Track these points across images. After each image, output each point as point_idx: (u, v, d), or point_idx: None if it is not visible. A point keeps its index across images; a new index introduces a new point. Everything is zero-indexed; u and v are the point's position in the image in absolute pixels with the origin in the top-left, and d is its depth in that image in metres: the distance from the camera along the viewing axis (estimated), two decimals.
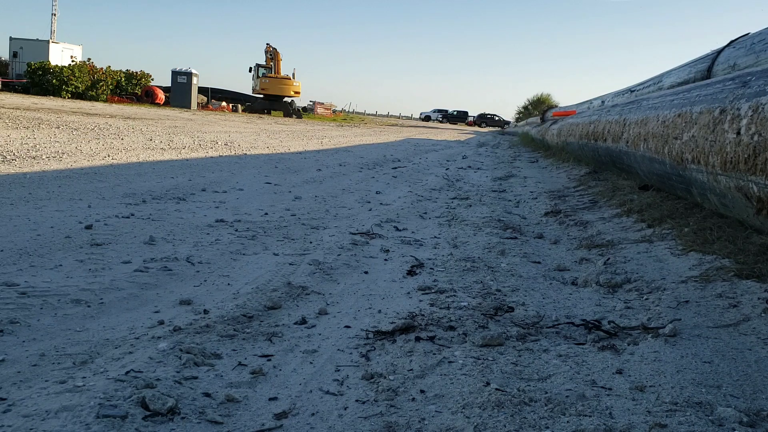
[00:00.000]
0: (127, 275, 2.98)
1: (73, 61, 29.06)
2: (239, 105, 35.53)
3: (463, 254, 3.77)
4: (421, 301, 2.79)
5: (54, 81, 26.75)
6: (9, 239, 3.40)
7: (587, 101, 14.45)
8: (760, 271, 2.76)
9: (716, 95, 3.22)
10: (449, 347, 2.20)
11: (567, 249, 4.06)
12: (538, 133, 18.62)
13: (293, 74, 36.89)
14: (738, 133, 2.76)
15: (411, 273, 3.32)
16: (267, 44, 36.85)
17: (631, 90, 9.18)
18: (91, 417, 1.60)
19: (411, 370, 2.02)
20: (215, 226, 4.29)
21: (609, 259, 3.50)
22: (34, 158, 6.76)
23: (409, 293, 2.94)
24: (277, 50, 36.72)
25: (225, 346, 2.18)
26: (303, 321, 2.50)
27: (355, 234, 4.26)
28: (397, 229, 4.62)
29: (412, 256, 3.72)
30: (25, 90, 26.70)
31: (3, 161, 6.32)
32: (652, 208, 4.62)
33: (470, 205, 6.03)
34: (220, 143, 11.50)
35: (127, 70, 31.53)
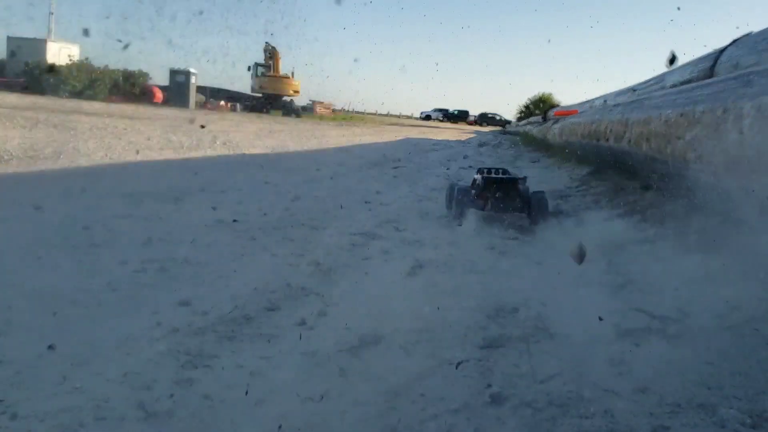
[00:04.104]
0: (124, 276, 2.96)
1: (70, 60, 29.00)
2: (238, 104, 35.47)
3: (463, 254, 3.75)
4: (421, 301, 2.77)
5: (51, 80, 26.68)
6: (6, 239, 3.38)
7: (589, 100, 14.41)
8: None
9: (719, 94, 3.20)
10: (450, 348, 2.18)
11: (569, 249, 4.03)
12: (540, 132, 18.60)
13: (292, 73, 36.85)
14: (741, 133, 2.74)
15: (411, 273, 3.30)
16: (266, 43, 36.81)
17: (633, 89, 9.15)
18: (89, 418, 1.58)
19: (411, 371, 2.00)
20: (213, 226, 4.27)
21: (611, 259, 3.48)
22: (31, 158, 6.74)
23: (409, 294, 2.92)
24: (276, 49, 36.68)
25: (223, 348, 2.16)
26: (302, 322, 2.48)
27: (354, 234, 4.24)
28: (398, 230, 4.60)
29: (412, 256, 3.70)
30: (23, 89, 26.64)
31: (0, 161, 6.30)
32: (655, 208, 4.60)
33: None
34: (218, 142, 11.48)
35: (125, 69, 31.48)
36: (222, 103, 34.36)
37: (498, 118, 63.05)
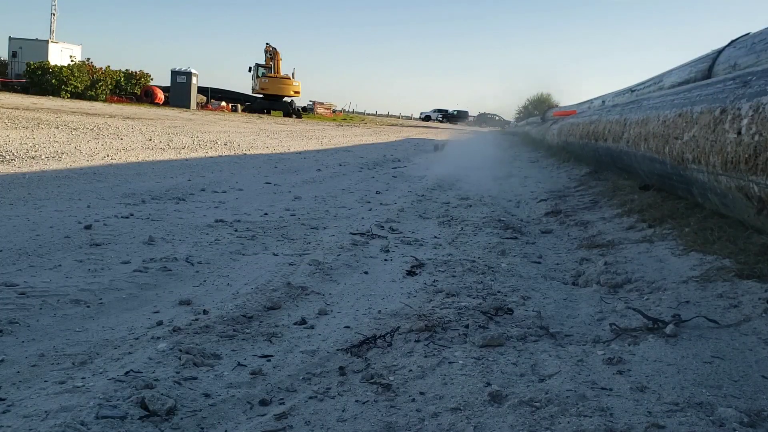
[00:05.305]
0: (126, 275, 2.98)
1: (72, 60, 29.05)
2: (239, 105, 35.51)
3: (463, 254, 3.76)
4: (421, 301, 2.78)
5: (53, 81, 26.75)
6: (8, 239, 3.40)
7: (588, 101, 14.41)
8: (760, 272, 2.75)
9: (717, 95, 3.21)
10: (449, 347, 2.20)
11: (567, 249, 4.05)
12: (539, 133, 18.60)
13: (293, 74, 36.90)
14: (739, 133, 2.76)
15: (411, 273, 3.31)
16: (267, 44, 36.86)
17: (631, 90, 9.15)
18: (90, 417, 1.60)
19: (411, 370, 2.01)
20: (215, 226, 4.29)
21: (609, 259, 3.50)
22: (33, 158, 6.76)
23: (409, 293, 2.94)
24: (277, 50, 36.73)
25: (224, 347, 2.17)
26: (303, 321, 2.49)
27: (355, 234, 4.25)
28: (397, 230, 4.62)
29: (412, 256, 3.71)
30: (24, 90, 26.68)
31: (2, 161, 6.32)
32: (653, 208, 4.61)
33: (470, 205, 6.02)
34: (219, 143, 11.49)
35: (126, 69, 31.54)
36: (223, 103, 34.42)
37: (497, 118, 62.85)
